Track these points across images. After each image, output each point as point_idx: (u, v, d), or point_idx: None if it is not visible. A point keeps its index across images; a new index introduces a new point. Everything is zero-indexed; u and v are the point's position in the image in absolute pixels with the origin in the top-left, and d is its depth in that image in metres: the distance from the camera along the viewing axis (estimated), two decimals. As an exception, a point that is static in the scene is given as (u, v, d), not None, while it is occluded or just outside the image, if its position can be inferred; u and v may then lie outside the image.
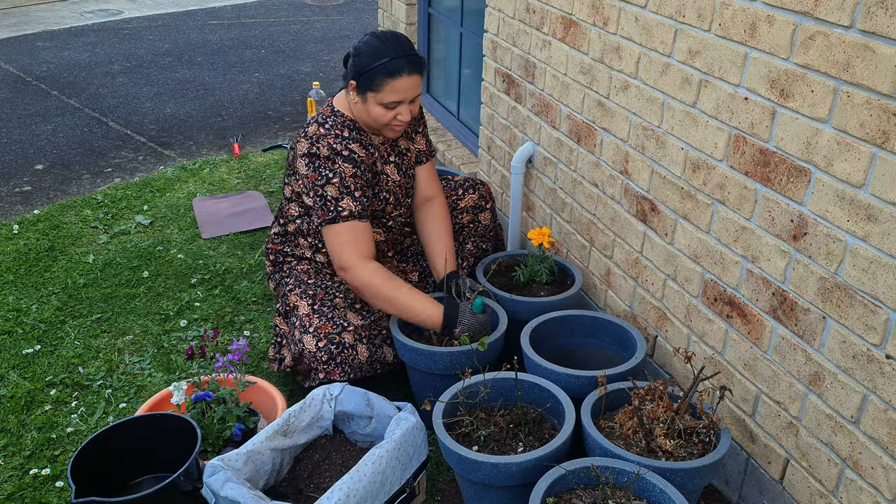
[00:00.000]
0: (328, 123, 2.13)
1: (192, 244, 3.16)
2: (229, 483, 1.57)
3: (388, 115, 2.08)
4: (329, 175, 2.07)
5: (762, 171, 1.61)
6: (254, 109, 4.88)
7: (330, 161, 2.08)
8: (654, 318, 2.09)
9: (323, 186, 2.07)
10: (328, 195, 2.07)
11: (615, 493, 1.55)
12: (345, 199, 2.07)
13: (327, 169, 2.07)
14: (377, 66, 2.02)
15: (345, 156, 2.09)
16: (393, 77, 2.03)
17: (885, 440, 1.42)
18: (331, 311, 2.11)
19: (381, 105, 2.06)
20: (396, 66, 2.02)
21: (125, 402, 2.26)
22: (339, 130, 2.12)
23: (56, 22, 7.01)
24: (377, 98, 2.05)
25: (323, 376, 2.05)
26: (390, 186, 2.24)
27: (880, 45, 1.30)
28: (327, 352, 2.04)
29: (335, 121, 2.14)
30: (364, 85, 2.05)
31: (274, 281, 2.37)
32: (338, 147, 2.09)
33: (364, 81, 2.05)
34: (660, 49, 1.88)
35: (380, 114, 2.08)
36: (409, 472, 1.74)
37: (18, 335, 2.56)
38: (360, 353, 2.08)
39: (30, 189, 3.74)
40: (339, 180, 2.07)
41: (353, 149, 2.11)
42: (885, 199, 1.34)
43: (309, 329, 2.07)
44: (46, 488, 1.96)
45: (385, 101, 2.05)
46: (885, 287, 1.37)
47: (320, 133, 2.11)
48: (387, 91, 2.04)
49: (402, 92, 2.05)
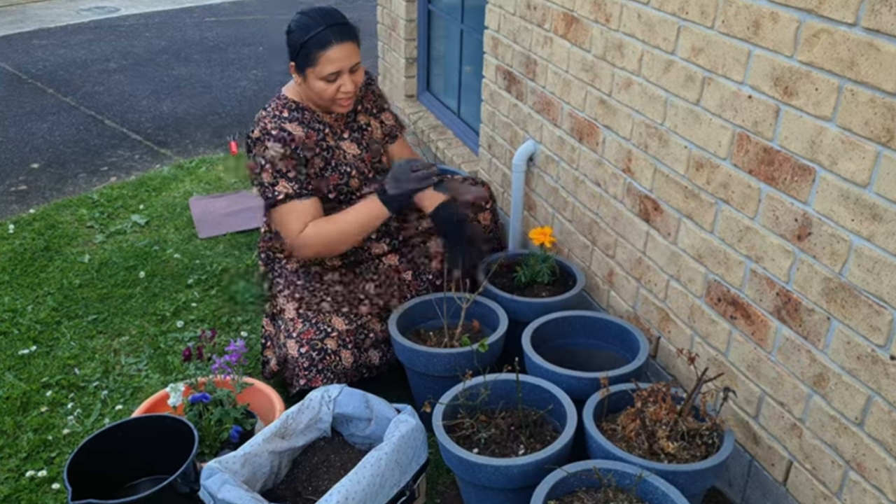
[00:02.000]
0: (270, 107, 2.20)
1: (189, 244, 3.14)
2: (227, 485, 1.56)
3: (330, 88, 2.11)
4: (261, 162, 2.12)
5: (766, 169, 1.60)
6: (251, 107, 4.86)
7: (260, 145, 2.13)
8: (656, 319, 2.07)
9: (259, 174, 2.13)
10: (264, 181, 2.12)
11: (617, 496, 1.54)
12: (279, 182, 2.11)
13: (259, 156, 2.13)
14: (307, 40, 2.06)
15: (273, 135, 2.12)
16: (324, 48, 2.06)
17: (889, 442, 1.40)
18: (316, 315, 2.10)
19: (321, 79, 2.10)
20: (325, 37, 2.06)
21: (122, 404, 2.24)
22: (278, 111, 2.17)
23: (52, 19, 6.98)
24: (315, 72, 2.09)
25: (304, 383, 2.03)
26: (349, 160, 2.25)
27: (885, 43, 1.29)
28: (308, 358, 2.03)
29: (277, 104, 2.20)
30: (301, 63, 2.10)
31: (267, 281, 2.36)
32: (269, 126, 2.13)
33: (301, 60, 2.09)
34: (662, 46, 1.86)
35: (322, 88, 2.11)
36: (409, 474, 1.72)
37: (14, 336, 2.54)
38: (343, 359, 2.06)
39: (25, 188, 3.72)
40: (271, 165, 2.11)
41: (286, 127, 2.15)
42: (890, 198, 1.33)
43: (293, 334, 2.07)
44: (42, 490, 1.95)
45: (323, 74, 2.08)
46: (889, 287, 1.35)
47: (260, 116, 2.18)
48: (322, 63, 2.07)
49: (338, 61, 2.07)
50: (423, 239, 2.38)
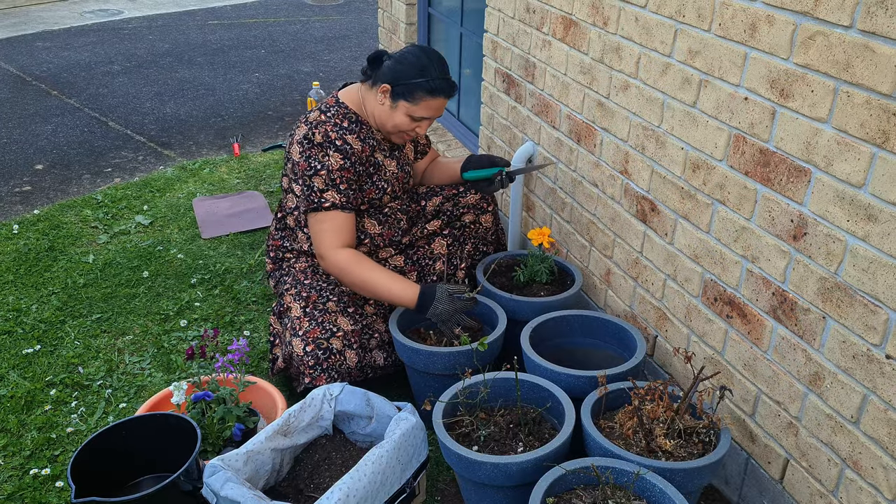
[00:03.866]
0: (330, 112, 2.19)
1: (192, 244, 3.16)
2: (229, 483, 1.57)
3: (410, 125, 2.17)
4: (317, 166, 2.12)
5: (762, 171, 1.61)
6: (254, 109, 4.88)
7: (321, 150, 2.13)
8: (653, 318, 2.09)
9: (311, 177, 2.13)
10: (315, 186, 2.13)
11: (615, 493, 1.55)
12: (329, 191, 2.13)
13: (316, 160, 2.13)
14: (421, 82, 2.11)
15: (337, 145, 2.13)
16: (433, 96, 2.13)
17: (885, 440, 1.42)
18: (322, 315, 2.12)
19: (409, 116, 2.14)
20: (439, 87, 2.13)
21: (125, 402, 2.26)
22: (339, 120, 2.18)
23: (56, 22, 7.01)
24: (409, 109, 2.13)
25: (308, 381, 2.05)
26: (388, 177, 2.28)
27: (880, 45, 1.30)
28: (314, 357, 2.05)
29: (337, 111, 2.20)
30: (400, 93, 2.13)
31: (274, 279, 2.38)
32: (332, 135, 2.14)
33: (402, 90, 2.12)
34: (660, 49, 1.88)
35: (403, 123, 2.15)
36: (410, 472, 1.74)
37: (18, 335, 2.56)
38: (348, 359, 2.08)
39: (30, 189, 3.74)
40: (327, 172, 2.12)
41: (348, 139, 2.16)
42: (885, 199, 1.34)
43: (298, 332, 2.09)
44: (46, 488, 1.96)
45: (415, 115, 2.14)
46: (884, 287, 1.37)
47: (320, 120, 2.17)
48: (422, 107, 2.13)
49: (434, 111, 2.16)
50: (428, 240, 2.41)
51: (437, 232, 2.42)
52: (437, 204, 2.43)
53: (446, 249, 2.40)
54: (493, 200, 2.53)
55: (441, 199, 2.44)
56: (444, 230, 2.42)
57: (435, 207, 2.43)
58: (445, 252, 2.40)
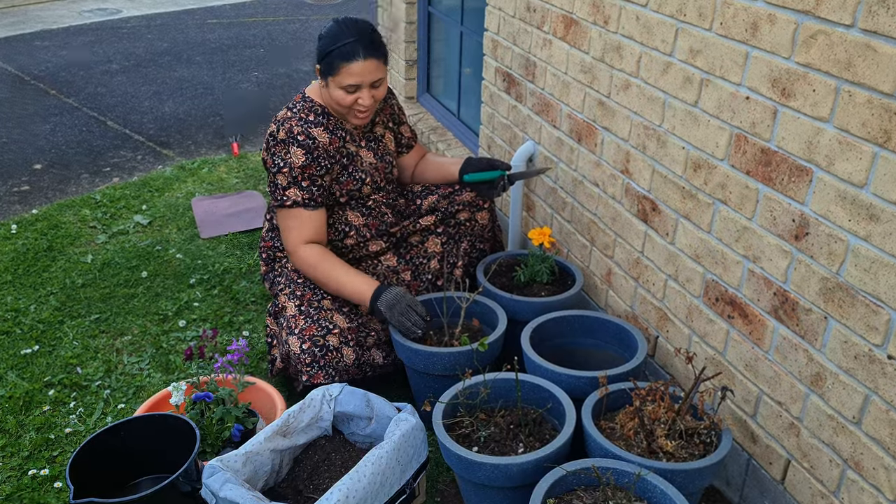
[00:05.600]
0: (296, 108, 2.21)
1: (191, 244, 3.15)
2: (228, 484, 1.57)
3: (348, 98, 2.14)
4: (280, 163, 2.15)
5: (763, 170, 1.61)
6: (253, 108, 4.87)
7: (284, 146, 2.15)
8: (655, 319, 2.08)
9: (275, 174, 2.16)
10: (278, 182, 2.16)
11: (616, 494, 1.55)
12: (292, 188, 2.15)
13: (279, 157, 2.15)
14: (334, 50, 2.10)
15: (300, 140, 2.14)
16: (348, 60, 2.09)
17: (886, 441, 1.41)
18: (317, 312, 2.12)
19: (340, 88, 2.13)
20: (352, 50, 2.09)
21: (124, 403, 2.25)
22: (305, 114, 2.19)
23: (54, 21, 7.00)
24: (336, 81, 2.12)
25: (306, 379, 2.04)
26: (366, 167, 2.28)
27: (882, 45, 1.30)
28: (310, 354, 2.04)
29: (303, 105, 2.21)
30: (325, 69, 2.13)
31: (268, 281, 2.38)
32: (296, 130, 2.15)
33: (325, 66, 2.13)
34: (661, 48, 1.87)
35: (340, 97, 2.14)
36: (409, 472, 1.73)
37: (17, 335, 2.56)
38: (345, 356, 2.08)
39: (28, 189, 3.73)
40: (289, 170, 2.14)
41: (314, 133, 2.17)
42: (887, 198, 1.34)
43: (294, 331, 2.08)
44: (45, 489, 1.96)
45: (343, 84, 2.12)
46: (886, 287, 1.36)
47: (286, 116, 2.19)
48: (344, 74, 2.10)
49: (359, 75, 2.11)
50: (422, 239, 2.40)
51: (431, 229, 2.40)
52: (433, 202, 2.42)
53: (441, 248, 2.39)
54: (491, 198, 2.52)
55: (437, 197, 2.43)
56: (438, 228, 2.41)
57: (430, 205, 2.42)
58: (440, 251, 2.38)
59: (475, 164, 2.40)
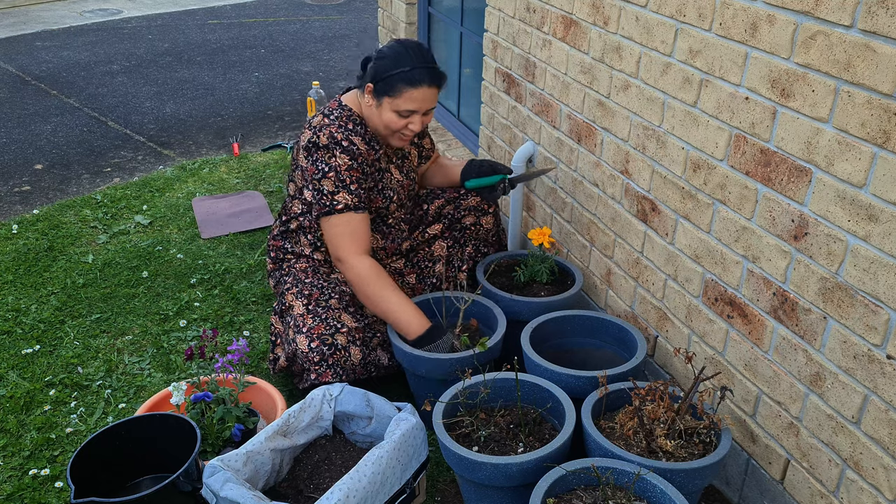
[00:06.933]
0: (333, 115, 2.17)
1: (192, 244, 3.16)
2: (229, 483, 1.57)
3: (399, 122, 2.11)
4: (325, 168, 2.10)
5: (763, 170, 1.61)
6: (253, 109, 4.88)
7: (327, 152, 2.10)
8: (654, 319, 2.08)
9: (320, 180, 2.10)
10: (325, 189, 2.10)
11: (615, 494, 1.55)
12: (340, 192, 2.09)
13: (323, 162, 2.10)
14: (398, 73, 2.05)
15: (343, 146, 2.11)
16: (413, 86, 2.06)
17: (885, 441, 1.41)
18: (325, 311, 2.12)
19: (395, 112, 2.10)
20: (418, 76, 2.06)
21: (124, 403, 2.26)
22: (344, 122, 2.15)
23: (55, 21, 7.01)
24: (393, 104, 2.08)
25: (314, 377, 2.05)
26: (393, 185, 2.27)
27: (881, 45, 1.30)
28: (319, 353, 2.04)
29: (341, 113, 2.18)
30: (382, 89, 2.08)
31: (274, 279, 2.38)
32: (338, 136, 2.11)
33: (382, 86, 2.08)
34: (660, 49, 1.88)
35: (392, 120, 2.11)
36: (409, 472, 1.73)
37: (17, 335, 2.56)
38: (352, 356, 2.08)
39: (29, 189, 3.74)
40: (335, 174, 2.09)
41: (354, 140, 2.13)
42: (885, 199, 1.34)
43: (302, 329, 2.08)
44: (46, 489, 1.96)
45: (400, 109, 2.09)
46: (885, 287, 1.37)
47: (324, 123, 2.14)
48: (404, 99, 2.07)
49: (419, 102, 2.09)
50: (429, 244, 2.41)
51: (437, 235, 2.41)
52: (439, 206, 2.43)
53: (446, 252, 2.39)
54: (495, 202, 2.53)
55: (443, 201, 2.43)
56: (444, 233, 2.42)
57: (437, 210, 2.43)
58: (445, 255, 2.39)
59: (476, 168, 2.39)
